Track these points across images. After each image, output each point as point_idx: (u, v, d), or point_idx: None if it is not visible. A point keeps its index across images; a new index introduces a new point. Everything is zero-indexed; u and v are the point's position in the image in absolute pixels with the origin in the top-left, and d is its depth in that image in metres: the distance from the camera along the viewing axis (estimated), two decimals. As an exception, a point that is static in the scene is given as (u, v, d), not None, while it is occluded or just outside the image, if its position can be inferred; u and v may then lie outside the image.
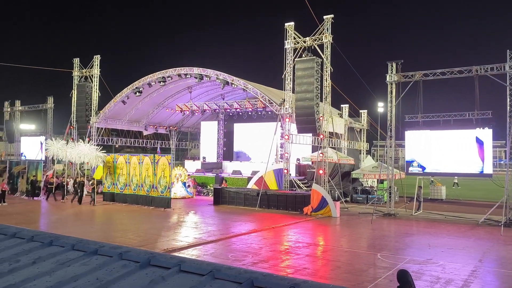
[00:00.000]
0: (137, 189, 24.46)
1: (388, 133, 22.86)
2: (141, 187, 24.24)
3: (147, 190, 23.94)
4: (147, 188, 23.93)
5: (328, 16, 23.96)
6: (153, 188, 23.63)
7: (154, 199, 23.53)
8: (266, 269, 11.39)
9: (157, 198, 23.38)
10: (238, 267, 2.69)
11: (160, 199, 23.24)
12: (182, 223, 19.56)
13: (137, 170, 24.49)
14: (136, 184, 24.50)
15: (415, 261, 12.58)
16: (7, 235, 3.83)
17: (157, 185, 23.47)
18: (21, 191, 29.03)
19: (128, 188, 24.91)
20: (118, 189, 25.41)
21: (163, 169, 23.30)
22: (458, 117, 21.89)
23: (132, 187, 24.72)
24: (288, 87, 25.39)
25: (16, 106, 41.62)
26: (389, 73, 22.45)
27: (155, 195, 23.50)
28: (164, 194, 23.16)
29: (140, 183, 24.27)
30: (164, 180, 23.20)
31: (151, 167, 23.80)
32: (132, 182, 24.69)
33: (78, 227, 18.12)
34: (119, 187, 25.37)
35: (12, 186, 29.26)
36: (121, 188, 25.29)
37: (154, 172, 23.61)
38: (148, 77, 31.19)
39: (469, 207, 25.15)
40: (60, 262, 3.07)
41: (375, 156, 54.49)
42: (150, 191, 23.78)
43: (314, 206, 21.92)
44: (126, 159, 25.27)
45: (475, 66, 20.47)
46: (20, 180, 29.26)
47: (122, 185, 25.20)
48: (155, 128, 39.90)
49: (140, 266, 2.87)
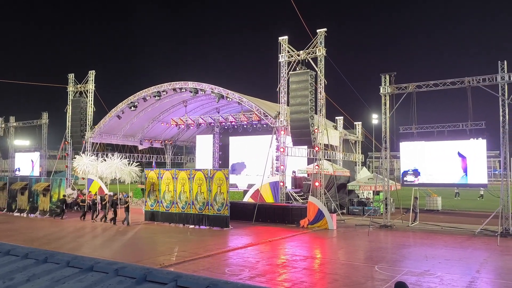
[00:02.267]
0: (187, 207, 22.30)
1: (383, 145, 22.95)
2: (192, 205, 22.13)
3: (199, 208, 21.85)
4: (199, 206, 21.88)
5: (322, 30, 24.21)
6: (208, 205, 21.56)
7: (208, 217, 21.52)
8: (263, 283, 11.29)
9: (213, 216, 21.34)
10: (235, 282, 2.68)
11: (216, 217, 21.22)
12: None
13: (186, 186, 22.35)
14: (185, 201, 22.38)
15: (413, 272, 12.53)
16: (1, 252, 3.78)
17: (212, 203, 21.40)
18: (41, 210, 26.90)
19: (175, 206, 22.76)
20: (163, 207, 23.19)
21: (219, 185, 21.25)
22: (452, 127, 22.04)
23: (180, 205, 22.54)
24: (282, 100, 25.51)
25: (10, 122, 41.43)
26: (382, 85, 22.63)
27: (210, 213, 21.43)
28: (221, 212, 21.13)
29: (191, 200, 22.16)
30: (221, 197, 21.19)
31: (205, 183, 21.71)
32: (180, 199, 22.55)
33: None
34: (165, 205, 23.13)
35: (32, 205, 27.50)
36: (167, 207, 23.08)
37: (209, 187, 21.55)
38: (143, 91, 31.24)
39: (465, 218, 25.16)
40: (55, 279, 3.03)
41: (371, 167, 54.62)
42: (203, 209, 21.71)
43: (311, 218, 21.86)
44: (173, 174, 23.19)
45: (467, 78, 20.69)
46: (41, 198, 27.09)
47: (168, 203, 23.01)
48: (150, 143, 39.82)
49: (136, 282, 2.84)
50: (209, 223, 21.37)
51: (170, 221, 22.75)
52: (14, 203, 28.42)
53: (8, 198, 28.82)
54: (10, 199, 28.74)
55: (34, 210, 27.26)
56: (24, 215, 27.24)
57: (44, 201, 26.84)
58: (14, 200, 28.48)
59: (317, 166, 24.78)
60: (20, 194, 28.18)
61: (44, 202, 26.82)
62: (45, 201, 26.78)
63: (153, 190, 23.63)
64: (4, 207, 28.92)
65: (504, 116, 19.84)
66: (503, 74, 19.79)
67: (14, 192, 28.44)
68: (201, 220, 21.74)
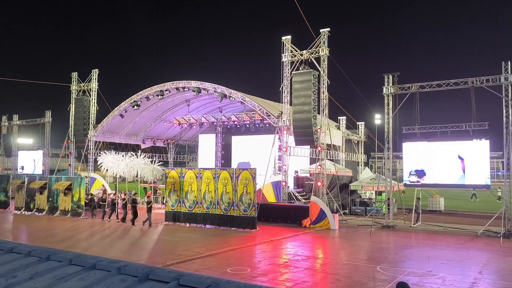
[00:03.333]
0: (211, 207, 21.69)
1: (386, 145, 22.91)
2: (217, 205, 21.52)
3: (224, 209, 21.21)
4: (224, 206, 21.26)
5: (325, 30, 24.18)
6: (233, 206, 20.96)
7: (234, 218, 20.95)
8: (265, 282, 11.30)
9: (238, 217, 20.79)
10: (237, 281, 2.68)
11: (242, 218, 20.69)
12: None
13: (211, 186, 21.70)
14: (210, 201, 21.74)
15: (415, 273, 12.51)
16: (4, 250, 3.80)
17: (238, 203, 20.84)
18: (62, 210, 26.18)
19: (199, 207, 22.16)
20: (186, 207, 22.54)
21: (245, 184, 20.65)
22: (455, 128, 21.98)
23: (205, 205, 21.92)
24: (285, 99, 25.50)
25: (13, 121, 41.57)
26: (385, 85, 22.59)
27: (236, 214, 20.86)
28: (247, 213, 20.56)
29: (216, 200, 21.57)
30: (247, 197, 20.60)
31: (230, 182, 21.07)
32: (205, 199, 21.92)
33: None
34: (187, 205, 22.46)
35: (51, 205, 26.73)
36: (189, 207, 22.42)
37: (235, 188, 20.95)
38: (146, 90, 31.27)
39: (467, 219, 25.09)
40: (58, 277, 3.04)
41: (373, 168, 54.50)
42: (229, 210, 21.09)
43: (313, 218, 21.85)
44: (197, 173, 22.44)
45: (471, 78, 20.63)
46: (62, 197, 26.27)
47: (192, 203, 22.33)
48: (153, 142, 39.86)
49: (139, 280, 2.84)
50: (235, 224, 20.72)
51: (193, 221, 22.18)
52: (33, 202, 27.76)
53: (26, 197, 28.13)
54: (28, 198, 28.06)
55: (54, 209, 26.54)
56: (44, 214, 26.57)
57: (66, 200, 26.15)
58: (32, 200, 27.81)
59: (320, 166, 24.76)
60: (38, 194, 27.50)
61: (66, 201, 26.13)
62: (66, 201, 26.10)
63: (174, 189, 22.98)
64: (22, 207, 28.22)
65: (508, 117, 19.76)
66: (506, 74, 19.71)
67: (33, 191, 27.74)
68: (227, 221, 21.11)
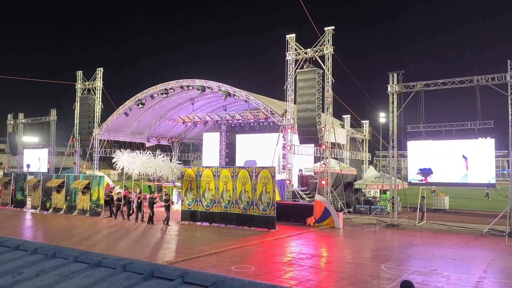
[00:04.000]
0: (230, 206, 21.39)
1: (390, 144, 22.85)
2: (235, 204, 21.22)
3: (243, 208, 20.91)
4: (243, 205, 20.96)
5: (329, 28, 24.13)
6: (252, 205, 20.66)
7: (253, 218, 20.61)
8: (269, 280, 11.31)
9: (258, 217, 20.43)
10: (242, 279, 2.68)
11: (261, 218, 20.35)
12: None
13: (229, 185, 21.40)
14: (228, 200, 21.45)
15: (419, 272, 12.48)
16: (10, 247, 3.83)
17: (257, 202, 20.48)
18: (80, 209, 25.41)
19: (217, 206, 21.82)
20: (203, 206, 22.18)
21: (265, 183, 20.32)
22: (460, 127, 21.87)
23: (223, 204, 21.59)
24: (289, 98, 25.48)
25: (19, 119, 41.79)
26: (390, 84, 22.52)
27: (255, 214, 20.52)
28: (267, 212, 20.22)
29: (234, 199, 21.26)
30: (267, 196, 20.26)
31: (249, 181, 20.78)
32: (223, 198, 21.60)
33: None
34: (205, 204, 22.11)
35: (69, 204, 25.96)
36: (207, 206, 22.08)
37: (254, 186, 20.63)
38: (151, 89, 31.35)
39: (472, 217, 25.00)
40: (64, 274, 3.06)
41: (378, 166, 54.38)
42: (248, 209, 20.79)
43: (317, 217, 21.84)
44: (215, 171, 22.10)
45: (476, 76, 20.53)
46: (80, 196, 25.51)
47: (209, 202, 22.00)
48: (158, 140, 39.97)
49: (144, 278, 2.86)
50: (254, 224, 20.41)
51: (211, 221, 21.85)
52: (49, 201, 26.97)
53: (42, 196, 27.29)
54: (44, 197, 27.20)
55: (72, 209, 25.80)
56: (61, 214, 25.80)
57: (84, 199, 25.37)
58: (49, 198, 27.01)
59: (324, 164, 24.74)
60: (55, 192, 26.71)
61: (84, 200, 25.37)
62: (84, 200, 25.35)
63: (190, 188, 22.60)
64: (38, 206, 27.47)
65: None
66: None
67: (49, 190, 26.92)
68: (245, 221, 20.79)
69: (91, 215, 24.60)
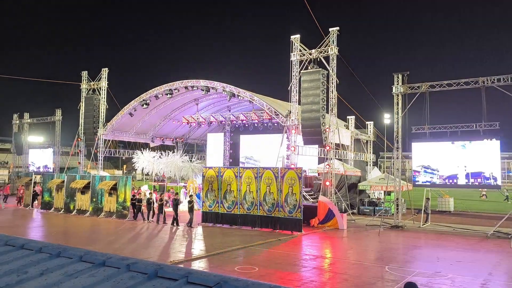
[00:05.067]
0: (253, 208, 20.85)
1: (395, 145, 22.78)
2: (260, 206, 20.67)
3: (268, 210, 20.36)
4: (268, 207, 20.39)
5: (334, 29, 24.09)
6: (278, 207, 20.12)
7: (278, 220, 20.11)
8: (273, 281, 11.30)
9: (283, 219, 19.95)
10: (246, 279, 2.68)
11: (287, 220, 19.85)
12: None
13: (253, 186, 20.87)
14: (251, 202, 20.93)
15: (424, 274, 12.43)
16: (16, 246, 3.84)
17: (283, 204, 19.96)
18: (107, 211, 24.55)
19: (238, 207, 21.31)
20: (224, 208, 21.72)
21: (291, 185, 19.78)
22: (465, 128, 21.78)
23: (245, 206, 21.07)
24: (294, 99, 25.45)
25: (24, 119, 42.02)
26: (395, 85, 22.45)
27: (281, 216, 20.01)
28: (293, 214, 19.68)
29: (258, 201, 20.75)
30: (293, 198, 19.70)
31: (274, 182, 20.26)
32: (246, 200, 21.10)
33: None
34: (226, 206, 21.65)
35: (95, 206, 25.08)
36: (228, 207, 21.60)
37: (280, 188, 20.13)
38: (155, 89, 31.42)
39: (477, 219, 24.88)
40: (68, 273, 3.07)
41: (382, 167, 54.18)
42: (273, 211, 20.26)
43: (321, 218, 21.81)
44: (236, 172, 21.64)
45: (481, 78, 20.44)
46: (106, 198, 24.66)
47: (231, 203, 21.54)
48: (162, 140, 40.05)
49: (148, 277, 2.86)
50: (279, 226, 20.01)
51: (232, 223, 21.42)
52: (73, 203, 26.10)
53: (65, 198, 26.45)
54: (68, 199, 26.38)
55: (99, 211, 24.81)
56: (87, 215, 24.92)
57: (110, 201, 24.48)
58: (72, 200, 26.14)
59: (328, 165, 24.69)
60: (80, 194, 25.78)
61: (110, 202, 24.47)
62: (111, 201, 24.45)
63: (211, 189, 22.20)
64: (61, 207, 26.57)
65: (519, 117, 19.55)
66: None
67: (73, 191, 26.08)
68: (270, 223, 20.34)
69: (117, 217, 23.78)
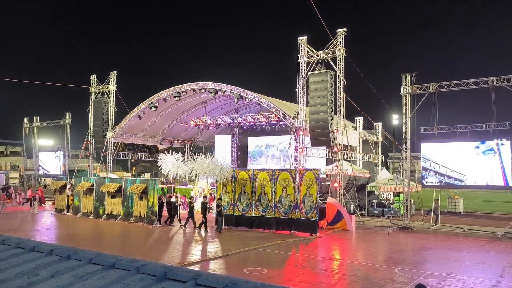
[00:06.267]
0: (268, 210, 20.64)
1: (404, 146, 22.65)
2: (275, 208, 20.44)
3: (284, 212, 20.15)
4: (284, 209, 20.18)
5: (341, 30, 24.04)
6: (295, 209, 19.87)
7: (295, 222, 19.86)
8: (282, 283, 11.28)
9: (300, 221, 19.67)
10: (254, 281, 2.69)
11: (304, 222, 19.56)
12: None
13: (268, 188, 20.66)
14: (266, 204, 20.71)
15: (434, 275, 12.34)
16: (26, 249, 3.89)
17: (300, 206, 19.74)
18: (137, 216, 23.34)
19: (253, 210, 21.00)
20: (238, 210, 21.37)
21: (308, 186, 19.55)
22: (474, 128, 21.62)
23: (260, 208, 20.82)
24: (301, 100, 25.42)
25: (34, 122, 42.43)
26: (403, 85, 22.34)
27: (298, 218, 19.74)
28: (309, 216, 19.39)
29: (273, 203, 20.53)
30: (310, 199, 19.45)
31: (292, 184, 20.06)
32: (260, 202, 20.88)
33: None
34: (240, 208, 21.34)
35: (126, 210, 24.00)
36: (243, 210, 21.28)
37: (297, 189, 19.92)
38: (164, 92, 31.57)
39: (488, 220, 24.64)
40: (78, 275, 3.10)
41: (391, 168, 53.91)
42: (289, 213, 20.03)
43: (329, 219, 21.74)
44: (250, 174, 21.41)
45: (491, 77, 20.26)
46: (136, 202, 23.54)
47: (245, 206, 21.30)
48: (170, 143, 40.21)
49: (157, 279, 2.88)
50: (295, 228, 19.80)
51: (247, 225, 21.13)
52: (102, 207, 25.09)
53: (95, 202, 25.49)
54: (97, 203, 25.38)
55: (129, 215, 23.76)
56: (118, 220, 23.82)
57: (141, 205, 23.45)
58: (102, 204, 25.13)
59: (336, 166, 24.62)
60: (109, 197, 24.75)
61: (141, 206, 23.44)
62: (141, 206, 23.42)
63: (226, 191, 21.90)
64: (90, 212, 25.63)
65: (530, 117, 19.35)
66: (528, 73, 19.31)
67: (103, 195, 25.04)
68: (286, 225, 20.14)
69: (147, 222, 22.66)
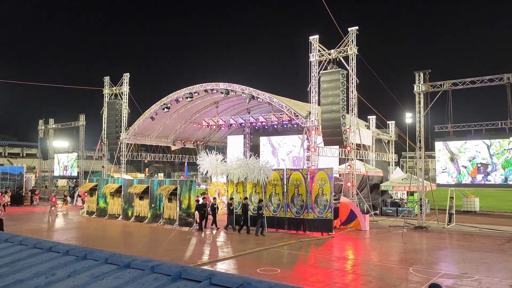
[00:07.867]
0: (279, 210, 20.56)
1: (417, 144, 22.43)
2: (287, 208, 20.35)
3: (296, 212, 20.07)
4: (296, 209, 20.11)
5: (353, 28, 23.90)
6: (307, 208, 19.75)
7: (308, 222, 19.71)
8: (295, 283, 11.26)
9: (313, 220, 19.59)
10: (269, 281, 2.70)
11: (317, 221, 19.55)
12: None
13: (278, 188, 20.63)
14: (277, 204, 20.61)
15: (449, 275, 12.21)
16: (44, 249, 3.95)
17: (313, 205, 19.67)
18: (166, 218, 22.71)
19: (264, 210, 20.55)
20: (250, 210, 20.88)
21: (321, 185, 19.62)
22: (490, 126, 21.30)
23: (271, 209, 20.75)
24: (313, 99, 25.33)
25: (50, 124, 43.00)
26: (416, 83, 22.12)
27: (311, 217, 19.64)
28: (323, 215, 19.44)
29: (285, 203, 20.41)
30: (323, 199, 19.55)
31: (303, 184, 19.95)
32: (271, 202, 20.81)
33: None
34: (251, 208, 21.03)
35: (154, 212, 23.46)
36: (253, 210, 20.82)
37: (309, 189, 19.80)
38: (176, 93, 31.74)
39: (504, 220, 24.28)
40: (94, 275, 3.14)
41: (404, 167, 53.46)
42: (301, 213, 19.92)
43: (343, 219, 21.63)
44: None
45: (506, 74, 19.96)
46: (166, 203, 22.88)
47: (255, 206, 20.92)
48: (183, 143, 40.43)
49: (172, 279, 2.91)
50: (309, 228, 19.69)
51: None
52: (131, 209, 24.60)
53: (123, 204, 25.01)
54: (126, 205, 24.91)
55: (157, 217, 23.18)
56: (145, 223, 23.27)
57: (170, 207, 22.66)
58: (130, 206, 24.65)
59: (349, 166, 24.49)
60: (138, 199, 24.28)
61: (170, 208, 22.63)
62: (171, 208, 22.60)
63: (236, 191, 21.67)
64: (119, 214, 25.14)
65: (546, 114, 19.02)
66: (545, 70, 18.97)
67: (131, 196, 24.58)
68: (298, 225, 20.05)
69: (180, 225, 21.76)
